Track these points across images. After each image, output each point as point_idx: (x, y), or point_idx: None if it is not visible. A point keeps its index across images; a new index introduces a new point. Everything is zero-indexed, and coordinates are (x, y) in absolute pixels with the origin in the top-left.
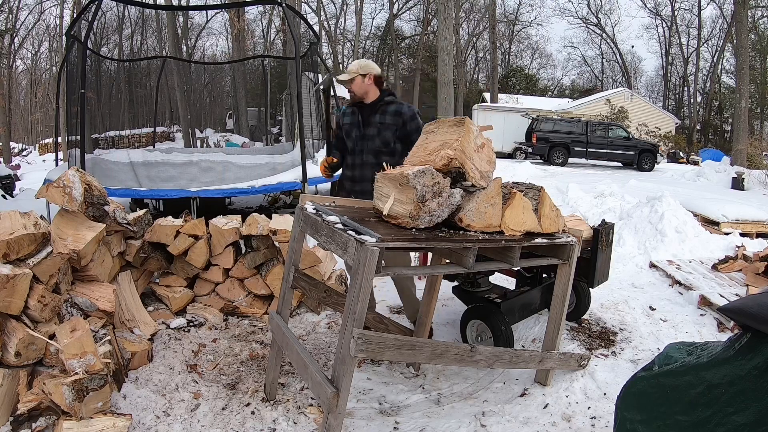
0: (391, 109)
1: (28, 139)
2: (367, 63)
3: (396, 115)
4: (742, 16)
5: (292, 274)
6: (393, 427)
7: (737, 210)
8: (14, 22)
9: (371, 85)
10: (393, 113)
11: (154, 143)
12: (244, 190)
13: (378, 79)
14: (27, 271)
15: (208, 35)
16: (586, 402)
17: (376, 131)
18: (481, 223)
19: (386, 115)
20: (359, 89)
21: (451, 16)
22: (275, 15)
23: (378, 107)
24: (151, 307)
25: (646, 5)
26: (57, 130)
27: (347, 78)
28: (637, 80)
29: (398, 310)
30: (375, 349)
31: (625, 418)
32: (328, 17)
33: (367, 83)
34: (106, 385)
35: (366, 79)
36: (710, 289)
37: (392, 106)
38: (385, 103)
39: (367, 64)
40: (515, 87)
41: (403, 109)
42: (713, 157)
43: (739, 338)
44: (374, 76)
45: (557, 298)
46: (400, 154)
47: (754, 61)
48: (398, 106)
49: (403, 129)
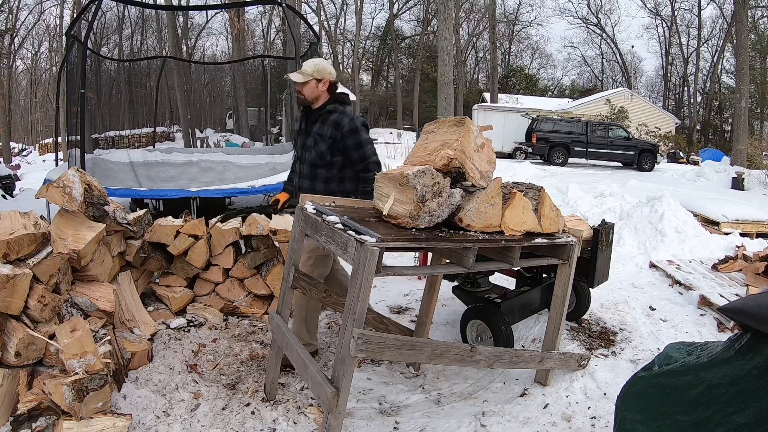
0: (331, 119)
1: (28, 139)
2: (324, 66)
3: (335, 126)
4: (742, 16)
5: (292, 274)
6: (393, 427)
7: (737, 210)
8: (14, 22)
9: (324, 92)
10: (332, 124)
11: (154, 143)
12: (244, 190)
13: (332, 85)
14: (27, 271)
15: (208, 35)
16: (586, 402)
17: (312, 142)
18: (481, 223)
19: (324, 126)
20: (310, 93)
21: (451, 16)
22: (275, 15)
23: (319, 116)
24: (151, 307)
25: (646, 5)
26: (57, 130)
27: (301, 80)
28: (637, 80)
29: (398, 310)
30: (375, 349)
31: (625, 418)
32: (328, 17)
33: (321, 89)
34: (106, 385)
35: (320, 84)
36: (710, 289)
37: (333, 115)
38: (326, 111)
39: (324, 68)
40: (515, 87)
41: (343, 121)
42: (713, 157)
43: (739, 338)
44: (330, 82)
45: (557, 298)
46: (340, 167)
47: (754, 61)
48: (338, 117)
49: (341, 142)
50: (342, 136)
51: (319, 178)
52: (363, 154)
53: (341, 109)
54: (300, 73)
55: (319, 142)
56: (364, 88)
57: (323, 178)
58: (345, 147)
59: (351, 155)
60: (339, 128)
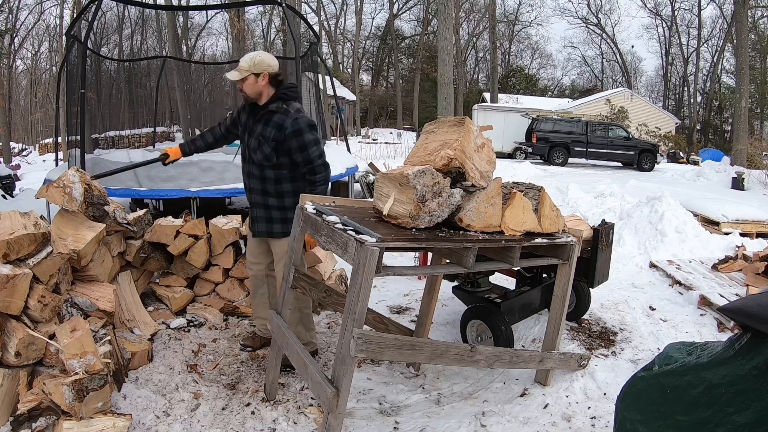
0: (274, 119)
1: (28, 139)
2: (262, 59)
3: (277, 128)
4: (742, 16)
5: (292, 274)
6: (393, 427)
7: (737, 210)
8: (14, 22)
9: (266, 86)
10: (275, 125)
11: (154, 143)
12: (244, 190)
13: (274, 77)
14: (27, 271)
15: (208, 35)
16: (586, 402)
17: (256, 144)
18: (481, 223)
19: (267, 127)
20: (251, 90)
21: (451, 16)
22: (275, 15)
23: (261, 116)
24: (151, 307)
25: (646, 5)
26: (57, 130)
27: (237, 77)
28: (637, 80)
29: (398, 310)
30: (375, 349)
31: (625, 418)
32: (328, 17)
33: (261, 83)
34: (106, 385)
35: (260, 78)
36: (710, 289)
37: (276, 116)
38: (268, 111)
39: (261, 60)
40: (515, 87)
41: (285, 123)
42: (713, 157)
43: (739, 338)
44: (269, 74)
45: (557, 298)
46: (290, 167)
47: (754, 61)
48: (280, 118)
49: (285, 144)
50: (285, 138)
51: (269, 178)
52: (308, 156)
53: (284, 108)
54: (237, 70)
55: (263, 144)
56: (364, 88)
57: (273, 178)
58: (289, 149)
59: (295, 157)
60: (281, 130)
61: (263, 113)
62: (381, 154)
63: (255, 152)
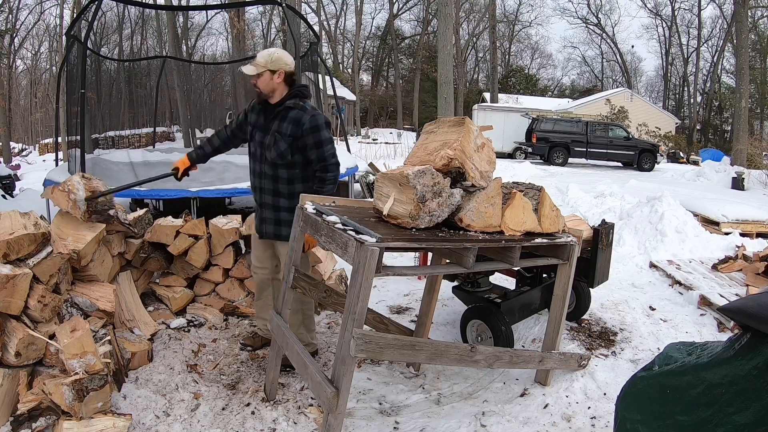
0: (290, 115)
1: (28, 139)
2: (279, 56)
3: (295, 124)
4: (742, 16)
5: (292, 274)
6: (393, 427)
7: (737, 210)
8: (14, 22)
9: (280, 84)
10: (292, 121)
11: (154, 143)
12: (244, 190)
13: (289, 76)
14: (27, 271)
15: (208, 35)
16: (586, 402)
17: (272, 141)
18: (481, 223)
19: (284, 123)
20: (266, 87)
21: (451, 16)
22: (275, 15)
23: (278, 113)
24: (151, 307)
25: (646, 5)
26: (57, 130)
27: (254, 72)
28: (637, 80)
29: (398, 310)
30: (375, 349)
31: (625, 418)
32: (328, 17)
33: (276, 81)
34: (106, 385)
35: (276, 76)
36: (710, 289)
37: (293, 112)
38: (285, 108)
39: (279, 58)
40: (515, 87)
41: (303, 119)
42: (713, 157)
43: (739, 338)
44: (285, 72)
45: (557, 298)
46: (302, 166)
47: (754, 61)
48: (298, 114)
49: (300, 141)
50: (302, 134)
51: (282, 178)
52: (322, 154)
53: (301, 104)
54: (253, 65)
55: (279, 140)
56: (364, 88)
57: (286, 178)
58: (304, 145)
59: (309, 154)
60: (299, 125)
61: (279, 110)
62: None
63: (270, 149)
